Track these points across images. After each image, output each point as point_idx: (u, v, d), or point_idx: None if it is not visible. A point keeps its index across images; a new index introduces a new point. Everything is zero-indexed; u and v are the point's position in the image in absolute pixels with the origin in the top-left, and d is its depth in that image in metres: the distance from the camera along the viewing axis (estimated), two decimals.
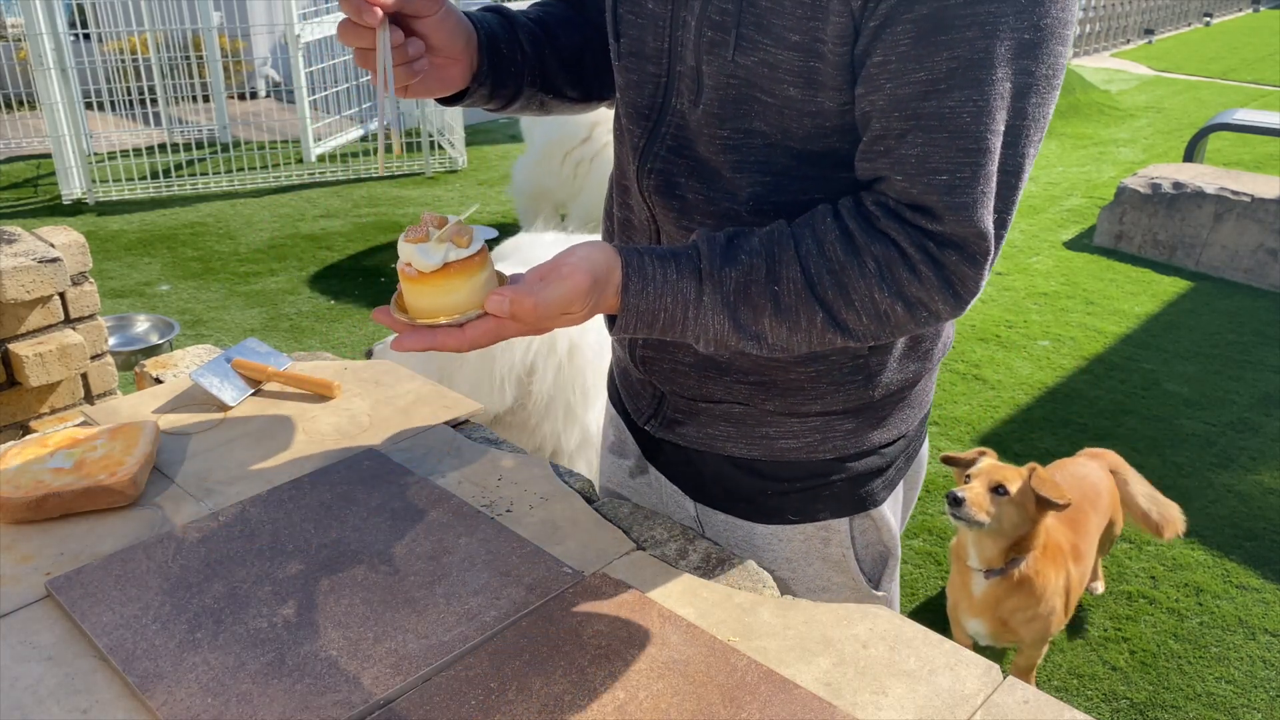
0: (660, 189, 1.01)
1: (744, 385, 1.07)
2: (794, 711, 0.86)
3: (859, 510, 1.14)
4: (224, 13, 7.08)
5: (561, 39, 1.13)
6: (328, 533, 1.08)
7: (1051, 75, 0.83)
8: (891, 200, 0.87)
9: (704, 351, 0.95)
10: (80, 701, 0.86)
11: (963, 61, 0.79)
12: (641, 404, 1.19)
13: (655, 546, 1.09)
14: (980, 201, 0.84)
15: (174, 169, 6.19)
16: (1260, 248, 4.85)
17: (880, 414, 1.10)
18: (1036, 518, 2.04)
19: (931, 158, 0.83)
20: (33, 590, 1.00)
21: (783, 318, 0.89)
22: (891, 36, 0.81)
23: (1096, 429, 3.46)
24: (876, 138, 0.86)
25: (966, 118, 0.81)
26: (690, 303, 0.89)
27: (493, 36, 1.06)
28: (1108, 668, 2.40)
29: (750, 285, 0.89)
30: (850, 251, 0.88)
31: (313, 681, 0.88)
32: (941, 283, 0.87)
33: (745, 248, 0.90)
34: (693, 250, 0.91)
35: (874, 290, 0.88)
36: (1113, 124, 8.32)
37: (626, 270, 0.88)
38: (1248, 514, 3.00)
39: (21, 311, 2.15)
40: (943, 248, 0.86)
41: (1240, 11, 16.54)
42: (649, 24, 0.97)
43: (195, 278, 4.60)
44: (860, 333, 0.90)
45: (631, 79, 1.01)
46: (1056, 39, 0.82)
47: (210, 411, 1.35)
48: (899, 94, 0.83)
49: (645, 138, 1.01)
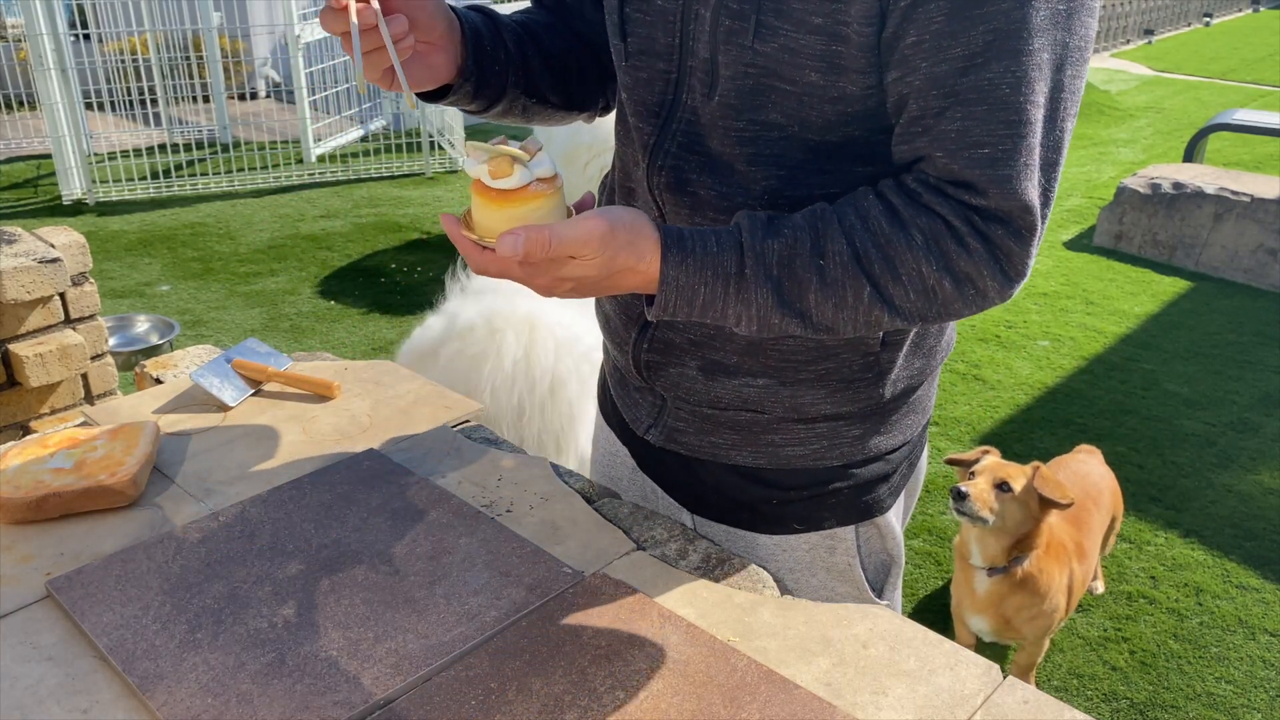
0: (672, 185, 1.00)
1: (753, 389, 1.06)
2: (794, 711, 0.86)
3: (865, 518, 1.13)
4: (224, 13, 7.08)
5: (546, 43, 1.12)
6: (328, 533, 1.08)
7: (1084, 46, 0.83)
8: (933, 177, 0.86)
9: (744, 334, 0.92)
10: (80, 702, 0.86)
11: (999, 33, 0.79)
12: (640, 413, 1.17)
13: (655, 546, 1.09)
14: (1024, 174, 0.83)
15: (174, 169, 6.19)
16: (1260, 248, 4.85)
17: (887, 418, 1.10)
18: (1039, 516, 2.04)
19: (972, 131, 0.82)
20: (33, 590, 1.00)
21: (829, 292, 0.87)
22: (925, 15, 0.81)
23: (1096, 429, 3.46)
24: (914, 119, 0.85)
25: (1006, 89, 0.80)
26: (732, 276, 0.87)
27: (477, 31, 1.04)
28: (1108, 668, 2.40)
29: (795, 258, 0.87)
30: (896, 225, 0.86)
31: (313, 681, 0.88)
32: (990, 257, 0.86)
33: (788, 223, 0.88)
34: (733, 227, 0.89)
35: (921, 264, 0.86)
36: (1112, 124, 8.32)
37: (665, 240, 0.86)
38: (1248, 514, 3.00)
39: (22, 312, 2.15)
40: (988, 222, 0.85)
41: (1240, 11, 16.54)
42: (658, 20, 0.96)
43: (195, 278, 4.60)
44: (907, 310, 0.88)
45: (641, 77, 1.00)
46: (1086, 10, 0.82)
47: (210, 412, 1.35)
48: (936, 72, 0.82)
49: (656, 135, 1.00)
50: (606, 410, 1.29)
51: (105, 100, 6.62)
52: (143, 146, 6.19)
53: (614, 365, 1.23)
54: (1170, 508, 3.03)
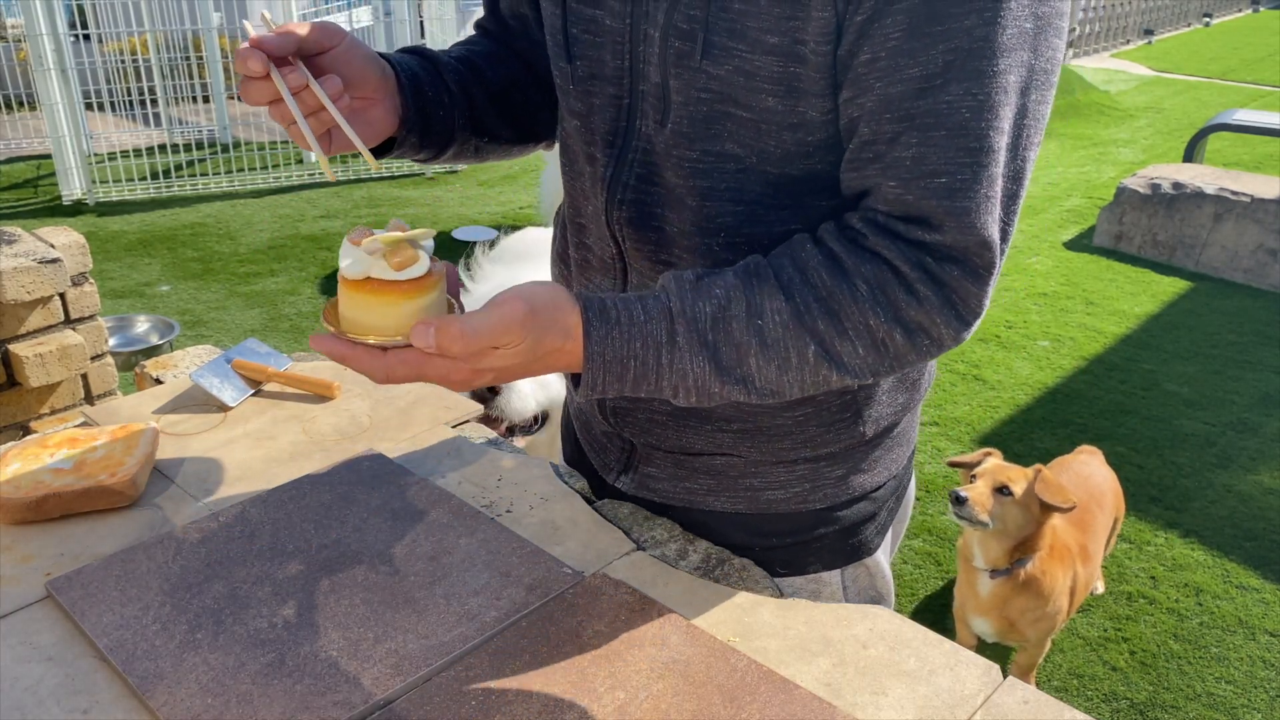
0: (634, 221, 0.93)
1: (727, 434, 1.00)
2: (794, 712, 0.86)
3: (852, 560, 1.09)
4: (224, 13, 7.08)
5: (488, 75, 1.03)
6: (328, 533, 1.08)
7: (1050, 69, 0.77)
8: (882, 214, 0.80)
9: (685, 405, 0.84)
10: (80, 702, 0.86)
11: (960, 52, 0.73)
12: (609, 458, 1.11)
13: (655, 547, 1.09)
14: (984, 206, 0.76)
15: (174, 169, 6.19)
16: (1260, 248, 4.85)
17: (870, 456, 1.05)
18: (1041, 519, 2.04)
19: (928, 158, 0.75)
20: (33, 590, 1.00)
21: (771, 354, 0.80)
22: (881, 31, 0.74)
23: (1096, 429, 3.46)
24: (865, 144, 0.79)
25: (966, 113, 0.74)
26: (662, 346, 0.79)
27: (415, 77, 0.96)
28: (1108, 668, 2.40)
29: (730, 320, 0.79)
30: (838, 275, 0.79)
31: (313, 682, 0.88)
32: (942, 303, 0.79)
33: (720, 281, 0.81)
34: (659, 290, 0.82)
35: (868, 316, 0.79)
36: (1112, 124, 8.32)
37: (586, 314, 0.78)
38: (1248, 514, 3.00)
39: (22, 312, 2.15)
40: (942, 262, 0.78)
41: (1240, 11, 16.54)
42: (607, 42, 0.89)
43: (195, 278, 4.60)
44: (857, 366, 0.82)
45: (593, 103, 0.92)
46: (1054, 29, 0.76)
47: (210, 412, 1.35)
48: (890, 93, 0.76)
49: (612, 165, 0.92)
50: (572, 458, 1.23)
51: (105, 100, 6.62)
52: (143, 147, 6.19)
53: (578, 408, 1.16)
54: (1170, 508, 3.03)
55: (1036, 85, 0.77)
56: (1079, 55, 11.65)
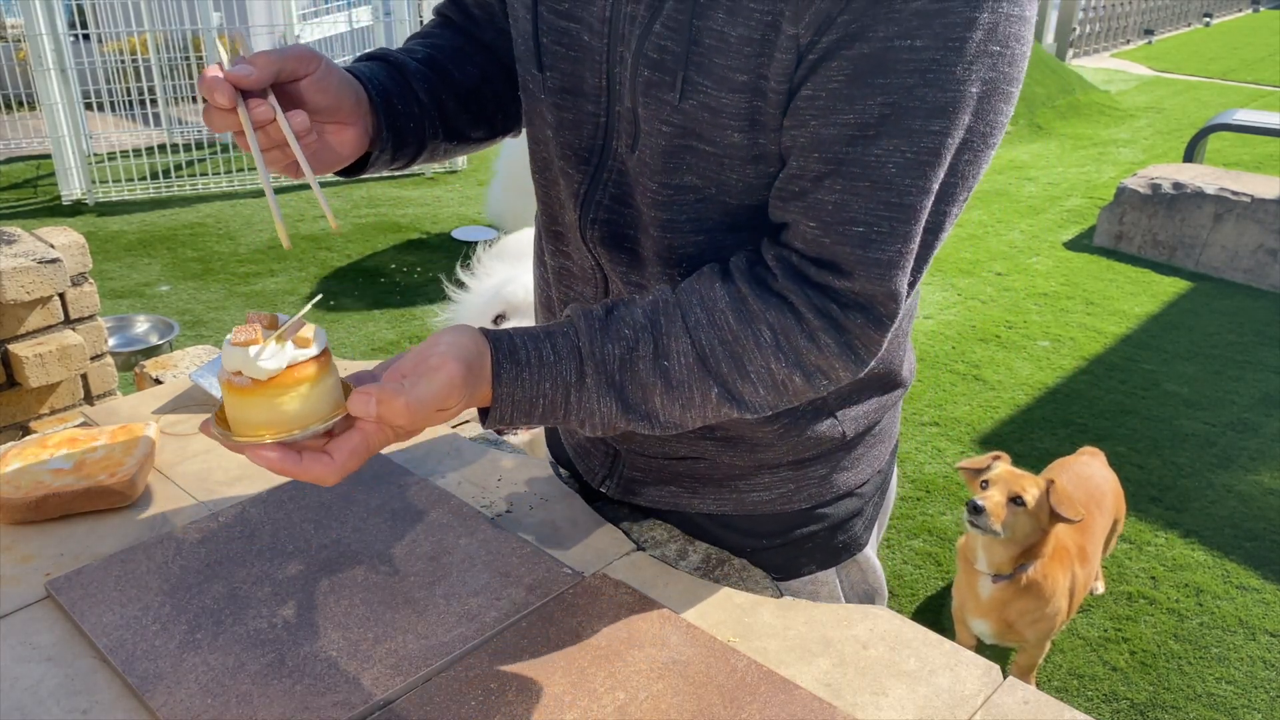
0: (607, 240, 0.93)
1: (709, 442, 1.01)
2: (794, 712, 0.86)
3: (844, 557, 1.10)
4: (224, 13, 7.08)
5: (455, 76, 1.01)
6: (327, 533, 1.08)
7: (990, 133, 0.77)
8: (796, 255, 0.80)
9: (589, 435, 0.85)
10: (80, 702, 0.86)
11: (897, 108, 0.73)
12: (594, 464, 1.11)
13: (655, 547, 1.09)
14: (896, 261, 0.77)
15: (174, 169, 6.19)
16: (1260, 248, 4.85)
17: (852, 454, 1.05)
18: (1048, 527, 2.05)
19: (850, 206, 0.76)
20: (33, 591, 1.00)
21: (675, 395, 0.82)
22: (826, 71, 0.75)
23: (1096, 429, 3.46)
24: (792, 177, 0.79)
25: (893, 168, 0.74)
26: (571, 386, 0.80)
27: (385, 93, 0.94)
28: (1108, 668, 2.40)
29: (637, 362, 0.81)
30: (743, 320, 0.81)
31: (313, 682, 0.88)
32: (842, 349, 0.81)
33: (628, 320, 0.82)
34: (568, 327, 0.82)
35: (770, 361, 0.81)
36: (1113, 124, 8.32)
37: (496, 356, 0.79)
38: (1248, 514, 3.00)
39: (21, 312, 2.15)
40: (846, 310, 0.79)
41: (1240, 11, 16.55)
42: (585, 58, 0.87)
43: (195, 278, 4.60)
44: (756, 404, 0.84)
45: (566, 118, 0.90)
46: (1000, 95, 0.75)
47: (210, 412, 1.34)
48: (823, 134, 0.76)
49: (587, 183, 0.91)
50: (560, 458, 1.23)
51: (105, 100, 6.62)
52: (142, 147, 6.19)
53: None
54: (1170, 508, 3.03)
55: (971, 148, 0.77)
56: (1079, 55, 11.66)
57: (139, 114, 6.81)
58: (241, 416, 0.74)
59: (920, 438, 3.40)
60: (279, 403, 0.73)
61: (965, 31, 0.71)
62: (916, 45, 0.72)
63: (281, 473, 0.74)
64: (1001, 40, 0.73)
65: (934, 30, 0.71)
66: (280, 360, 0.72)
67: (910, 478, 3.15)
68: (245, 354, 0.72)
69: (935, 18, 0.71)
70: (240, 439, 0.74)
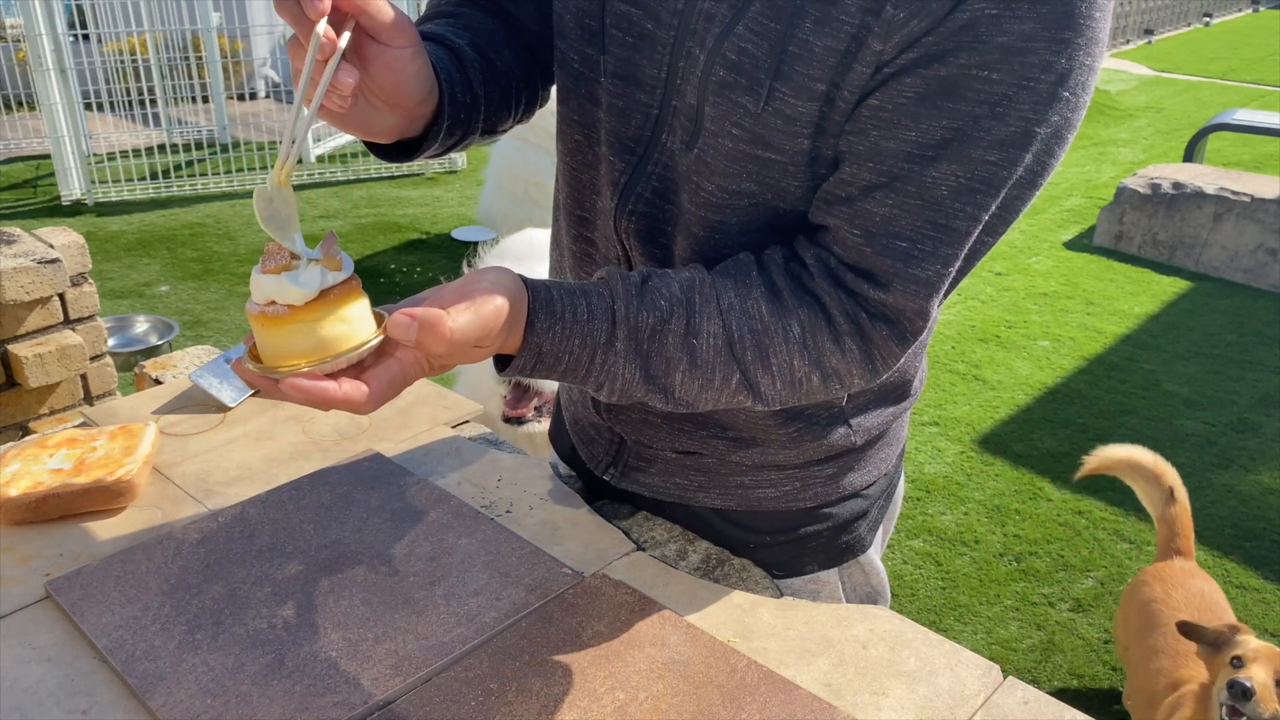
0: (642, 234, 0.91)
1: (721, 440, 1.01)
2: (794, 712, 0.86)
3: (847, 558, 1.09)
4: (224, 13, 7.08)
5: (499, 65, 0.96)
6: (327, 534, 1.08)
7: (1041, 174, 0.78)
8: (834, 259, 0.81)
9: (600, 399, 0.84)
10: (80, 703, 0.86)
11: (960, 134, 0.74)
12: (598, 450, 1.11)
13: (655, 547, 1.09)
14: (934, 282, 0.78)
15: (174, 170, 6.19)
16: (1260, 248, 4.85)
17: (860, 457, 1.05)
18: None
19: (897, 220, 0.77)
20: (32, 591, 1.00)
21: (697, 373, 0.82)
22: (897, 85, 0.75)
23: (1096, 429, 3.46)
24: (842, 182, 0.79)
25: (945, 192, 0.75)
26: (600, 346, 0.79)
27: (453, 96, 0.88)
28: (1108, 668, 2.40)
29: (667, 335, 0.80)
30: (776, 312, 0.81)
31: (312, 682, 0.88)
32: (864, 357, 0.82)
33: (664, 292, 0.81)
34: (604, 288, 0.81)
35: (794, 357, 0.81)
36: (1113, 124, 8.32)
37: (533, 304, 0.78)
38: (1248, 514, 3.00)
39: (21, 312, 2.15)
40: (875, 320, 0.80)
41: (1240, 11, 16.55)
42: (646, 47, 0.85)
43: (195, 278, 4.60)
44: (770, 396, 0.84)
45: (616, 104, 0.89)
46: (1059, 141, 0.77)
47: (210, 412, 1.34)
48: (883, 146, 0.76)
49: (629, 173, 0.90)
50: (563, 451, 1.23)
51: (105, 100, 6.61)
52: (142, 147, 6.19)
53: (569, 396, 1.16)
54: None
55: (1022, 184, 0.78)
56: None
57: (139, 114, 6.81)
58: (278, 347, 0.71)
59: (920, 438, 3.40)
60: (318, 326, 0.71)
61: (1042, 74, 0.72)
62: (992, 78, 0.72)
63: (319, 402, 0.70)
64: (1072, 88, 0.74)
65: (1012, 67, 0.72)
66: (316, 282, 0.70)
67: (910, 478, 3.15)
68: (279, 280, 0.70)
69: (1016, 55, 0.72)
70: (281, 369, 0.71)
